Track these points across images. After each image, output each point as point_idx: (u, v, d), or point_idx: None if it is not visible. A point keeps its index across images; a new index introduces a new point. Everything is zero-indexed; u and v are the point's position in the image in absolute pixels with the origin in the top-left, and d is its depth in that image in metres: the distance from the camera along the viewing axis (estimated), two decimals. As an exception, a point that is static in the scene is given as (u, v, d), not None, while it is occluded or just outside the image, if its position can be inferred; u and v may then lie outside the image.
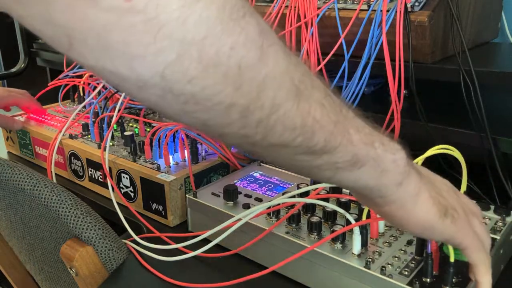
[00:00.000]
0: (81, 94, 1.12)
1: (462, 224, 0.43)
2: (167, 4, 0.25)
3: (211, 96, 0.28)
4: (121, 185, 0.82)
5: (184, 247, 0.66)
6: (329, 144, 0.34)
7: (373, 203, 0.42)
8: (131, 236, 0.71)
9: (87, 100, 1.02)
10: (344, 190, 0.67)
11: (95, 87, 1.04)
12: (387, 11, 0.75)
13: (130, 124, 1.00)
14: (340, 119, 0.35)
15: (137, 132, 0.95)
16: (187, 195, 0.73)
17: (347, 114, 0.36)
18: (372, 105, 0.88)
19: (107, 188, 0.82)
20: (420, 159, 0.57)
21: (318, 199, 0.64)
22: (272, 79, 0.30)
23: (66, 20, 0.25)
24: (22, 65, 1.49)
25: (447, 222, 0.42)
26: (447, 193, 0.44)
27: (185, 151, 0.81)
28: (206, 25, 0.26)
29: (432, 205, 0.41)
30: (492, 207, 0.65)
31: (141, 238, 0.70)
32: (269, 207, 0.64)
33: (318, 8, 0.83)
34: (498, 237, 0.59)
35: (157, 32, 0.25)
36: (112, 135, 0.89)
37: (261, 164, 0.82)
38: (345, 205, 0.64)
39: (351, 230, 0.57)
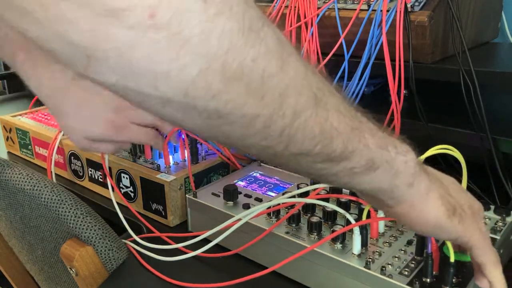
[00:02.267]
0: (81, 94, 1.11)
1: (469, 223, 0.44)
2: (190, 19, 0.25)
3: (234, 109, 0.29)
4: (121, 185, 0.82)
5: (184, 247, 0.66)
6: (346, 150, 0.35)
7: (384, 204, 0.43)
8: (131, 236, 0.71)
9: (87, 100, 1.02)
10: (344, 190, 0.67)
11: (95, 87, 1.04)
12: (387, 11, 0.75)
13: (130, 124, 1.00)
14: (356, 124, 0.36)
15: (137, 132, 0.95)
16: (187, 195, 0.73)
17: (361, 119, 0.37)
18: (372, 105, 0.88)
19: (107, 188, 0.82)
20: (420, 159, 0.57)
21: (318, 199, 0.64)
22: (293, 87, 0.30)
23: (88, 40, 0.25)
24: (22, 65, 1.49)
25: (455, 222, 0.42)
26: (454, 192, 0.45)
27: (185, 151, 0.81)
28: (229, 38, 0.26)
29: (441, 204, 0.42)
30: (492, 207, 0.65)
31: (141, 238, 0.70)
32: (269, 207, 0.64)
33: (318, 8, 0.83)
34: (498, 237, 0.59)
35: (181, 48, 0.25)
36: (112, 135, 0.89)
37: (261, 164, 0.82)
38: (345, 205, 0.64)
39: (351, 230, 0.57)
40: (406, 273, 0.54)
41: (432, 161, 0.57)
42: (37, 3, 0.24)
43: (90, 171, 0.87)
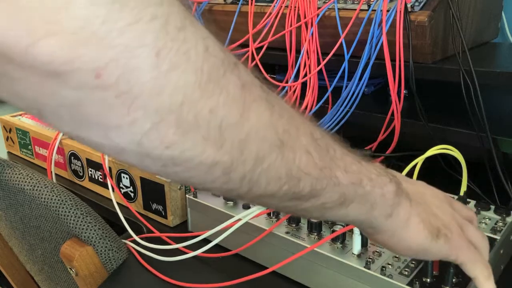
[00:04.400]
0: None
1: (456, 241, 0.43)
2: (139, 77, 0.24)
3: (191, 158, 0.28)
4: (121, 185, 0.82)
5: (184, 247, 0.66)
6: (315, 189, 0.34)
7: (366, 232, 0.43)
8: (131, 236, 0.71)
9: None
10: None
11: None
12: (387, 11, 0.75)
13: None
14: (327, 163, 0.35)
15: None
16: (187, 195, 0.72)
17: (334, 155, 0.36)
18: (372, 105, 0.88)
19: (107, 188, 0.82)
20: (420, 159, 0.57)
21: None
22: (255, 133, 0.29)
23: (34, 97, 0.24)
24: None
25: (440, 242, 0.42)
26: (438, 210, 0.44)
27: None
28: (183, 92, 0.25)
29: (423, 228, 0.41)
30: (492, 207, 0.65)
31: (141, 238, 0.70)
32: (269, 207, 0.64)
33: (318, 8, 0.83)
34: (498, 237, 0.59)
35: (131, 104, 0.25)
36: (112, 135, 0.89)
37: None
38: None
39: (351, 230, 0.57)
40: (406, 273, 0.54)
41: (432, 161, 0.57)
42: None
43: (90, 171, 0.87)
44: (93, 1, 0.22)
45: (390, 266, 0.55)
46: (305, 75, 0.86)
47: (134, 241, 0.70)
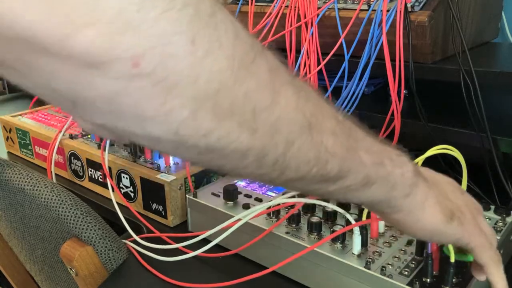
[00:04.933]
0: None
1: (468, 225, 0.44)
2: (176, 65, 0.24)
3: (227, 145, 0.28)
4: (121, 185, 0.82)
5: (184, 247, 0.66)
6: (342, 170, 0.35)
7: (382, 212, 0.43)
8: (131, 236, 0.71)
9: (87, 100, 1.02)
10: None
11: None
12: (387, 11, 0.75)
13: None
14: (351, 144, 0.36)
15: (137, 132, 0.95)
16: (187, 195, 0.72)
17: (357, 136, 0.37)
18: (372, 105, 0.88)
19: (107, 188, 0.82)
20: (420, 159, 0.57)
21: (318, 199, 0.64)
22: (285, 117, 0.30)
23: (71, 89, 0.24)
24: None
25: (454, 225, 0.43)
26: (452, 194, 0.45)
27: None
28: (218, 79, 0.26)
29: (439, 211, 0.42)
30: (492, 207, 0.65)
31: (141, 238, 0.70)
32: (269, 207, 0.64)
33: (318, 8, 0.83)
34: (498, 237, 0.59)
35: (168, 92, 0.25)
36: (112, 135, 0.89)
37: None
38: (345, 205, 0.64)
39: (351, 230, 0.57)
40: (406, 273, 0.54)
41: (432, 161, 0.57)
42: (18, 61, 0.23)
43: (90, 171, 0.87)
44: None
45: (390, 266, 0.55)
46: (305, 75, 0.86)
47: (134, 241, 0.70)
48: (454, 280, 0.52)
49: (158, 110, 0.25)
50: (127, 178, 0.80)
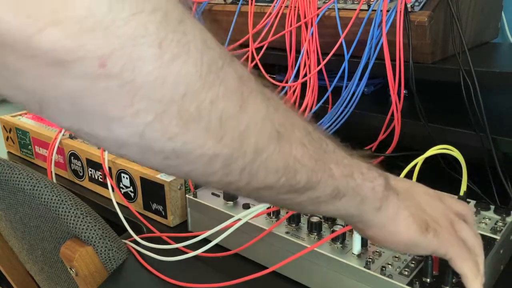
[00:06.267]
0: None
1: (445, 236, 0.44)
2: (143, 66, 0.24)
3: (193, 150, 0.28)
4: (121, 185, 0.82)
5: (184, 247, 0.66)
6: (311, 181, 0.35)
7: (356, 227, 0.43)
8: (131, 236, 0.71)
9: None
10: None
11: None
12: (387, 11, 0.75)
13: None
14: (321, 155, 0.36)
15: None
16: (187, 195, 0.72)
17: (327, 148, 0.37)
18: (372, 105, 0.88)
19: (107, 188, 0.82)
20: (420, 159, 0.57)
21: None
22: (254, 125, 0.30)
23: (36, 88, 0.24)
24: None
25: (429, 237, 0.43)
26: (428, 205, 0.45)
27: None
28: (185, 83, 0.26)
29: (412, 222, 0.42)
30: (492, 207, 0.65)
31: (141, 238, 0.70)
32: (269, 207, 0.64)
33: (318, 8, 0.83)
34: (498, 237, 0.59)
35: (134, 94, 0.25)
36: (112, 135, 0.89)
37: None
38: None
39: (351, 230, 0.57)
40: (406, 273, 0.54)
41: (432, 161, 0.57)
42: None
43: (90, 171, 0.87)
44: None
45: (390, 266, 0.55)
46: (305, 75, 0.86)
47: (134, 241, 0.70)
48: (454, 280, 0.52)
49: (124, 111, 0.25)
50: (127, 178, 0.80)
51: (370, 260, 0.55)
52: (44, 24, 0.22)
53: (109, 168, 0.82)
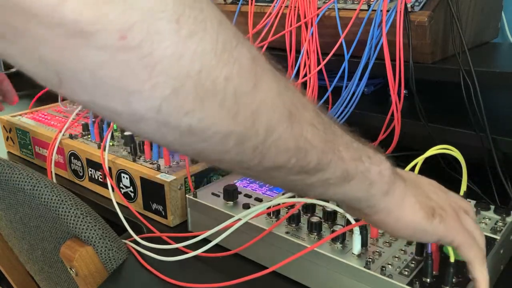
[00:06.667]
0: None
1: (451, 223, 0.44)
2: (161, 41, 0.25)
3: (207, 127, 0.29)
4: (121, 185, 0.82)
5: (184, 247, 0.66)
6: (321, 162, 0.36)
7: (363, 213, 0.43)
8: (131, 236, 0.71)
9: (87, 100, 1.02)
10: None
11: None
12: (387, 11, 0.75)
13: (130, 124, 1.00)
14: (330, 137, 0.36)
15: (137, 132, 0.95)
16: (187, 195, 0.72)
17: (336, 131, 0.37)
18: (372, 105, 0.88)
19: (107, 188, 0.82)
20: (420, 159, 0.57)
21: (318, 199, 0.64)
22: (266, 104, 0.31)
23: (57, 58, 0.24)
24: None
25: (436, 223, 0.43)
26: (434, 194, 0.45)
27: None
28: (201, 59, 0.26)
29: (419, 208, 0.42)
30: (492, 207, 0.65)
31: (141, 238, 0.70)
32: (269, 207, 0.64)
33: (318, 8, 0.83)
34: (498, 237, 0.59)
35: (152, 68, 0.25)
36: (112, 135, 0.89)
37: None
38: (345, 205, 0.64)
39: (351, 230, 0.57)
40: (406, 273, 0.54)
41: (432, 161, 0.57)
42: (6, 26, 0.23)
43: (90, 171, 0.87)
44: None
45: (390, 266, 0.55)
46: (305, 75, 0.86)
47: (134, 241, 0.70)
48: (454, 280, 0.52)
49: (143, 85, 0.26)
50: (127, 178, 0.80)
51: (370, 260, 0.55)
52: None
53: (109, 168, 0.82)
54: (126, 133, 0.88)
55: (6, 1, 0.22)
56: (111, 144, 0.87)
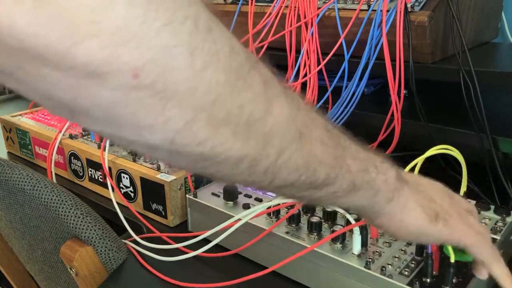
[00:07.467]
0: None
1: (456, 225, 0.44)
2: (176, 77, 0.24)
3: (220, 153, 0.29)
4: (121, 185, 0.82)
5: (184, 247, 0.66)
6: (329, 177, 0.36)
7: (365, 216, 0.44)
8: (131, 236, 0.71)
9: (87, 100, 1.02)
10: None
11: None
12: (387, 11, 0.75)
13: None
14: (339, 152, 0.37)
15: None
16: (187, 195, 0.72)
17: (344, 144, 0.38)
18: (372, 105, 0.88)
19: (107, 188, 0.82)
20: (420, 159, 0.57)
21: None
22: (277, 127, 0.31)
23: (69, 98, 0.24)
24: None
25: (439, 226, 0.43)
26: (438, 197, 0.46)
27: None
28: (216, 90, 0.26)
29: (421, 212, 0.43)
30: (492, 207, 0.65)
31: (141, 238, 0.70)
32: (269, 207, 0.64)
33: (318, 8, 0.83)
34: (498, 237, 0.59)
35: (166, 103, 0.25)
36: (112, 135, 0.89)
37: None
38: (345, 205, 0.64)
39: (351, 230, 0.57)
40: (406, 273, 0.54)
41: (432, 161, 0.57)
42: (18, 70, 0.23)
43: (90, 171, 0.87)
44: (132, 1, 0.23)
45: (390, 266, 0.55)
46: (305, 75, 0.86)
47: (134, 241, 0.70)
48: (454, 280, 0.52)
49: (155, 119, 0.26)
50: (127, 178, 0.80)
51: (370, 260, 0.55)
52: (81, 37, 0.22)
53: (109, 168, 0.82)
54: (126, 133, 0.88)
55: (19, 46, 0.22)
56: (111, 144, 0.87)
